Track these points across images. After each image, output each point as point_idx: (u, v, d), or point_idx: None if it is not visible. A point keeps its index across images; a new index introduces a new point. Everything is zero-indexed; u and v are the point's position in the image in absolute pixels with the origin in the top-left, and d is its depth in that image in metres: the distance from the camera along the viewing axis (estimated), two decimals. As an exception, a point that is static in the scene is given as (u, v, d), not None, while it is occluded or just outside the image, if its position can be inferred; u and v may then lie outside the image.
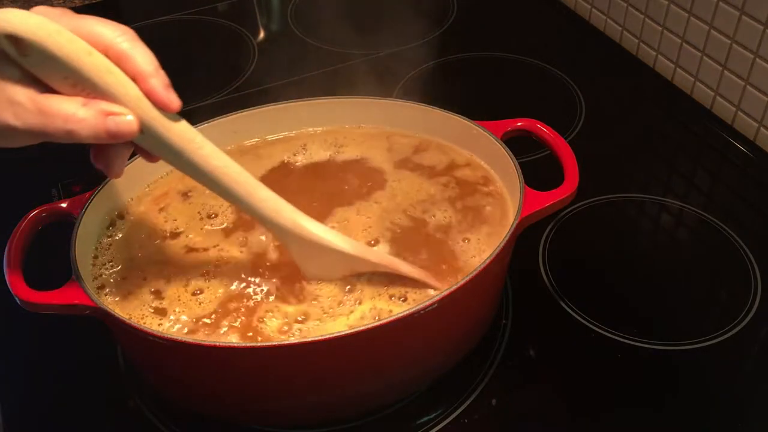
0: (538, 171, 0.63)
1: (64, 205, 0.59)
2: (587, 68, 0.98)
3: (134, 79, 0.45)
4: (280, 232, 0.53)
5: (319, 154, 0.68)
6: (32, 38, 0.41)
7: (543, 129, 0.63)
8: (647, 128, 0.89)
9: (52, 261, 0.54)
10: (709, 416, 0.59)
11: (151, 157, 0.50)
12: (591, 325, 0.65)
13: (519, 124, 0.64)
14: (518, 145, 0.63)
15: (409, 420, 0.59)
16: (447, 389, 0.61)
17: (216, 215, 0.62)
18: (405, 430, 0.59)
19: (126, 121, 0.44)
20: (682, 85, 0.93)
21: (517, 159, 0.60)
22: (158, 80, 0.46)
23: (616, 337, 0.64)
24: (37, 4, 0.48)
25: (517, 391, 0.61)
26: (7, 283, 0.52)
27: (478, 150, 0.65)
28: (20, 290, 0.52)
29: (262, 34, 1.09)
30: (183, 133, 0.48)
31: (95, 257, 0.58)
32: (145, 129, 0.46)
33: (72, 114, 0.43)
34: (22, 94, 0.43)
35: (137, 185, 0.64)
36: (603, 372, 0.62)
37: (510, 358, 0.63)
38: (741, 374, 0.62)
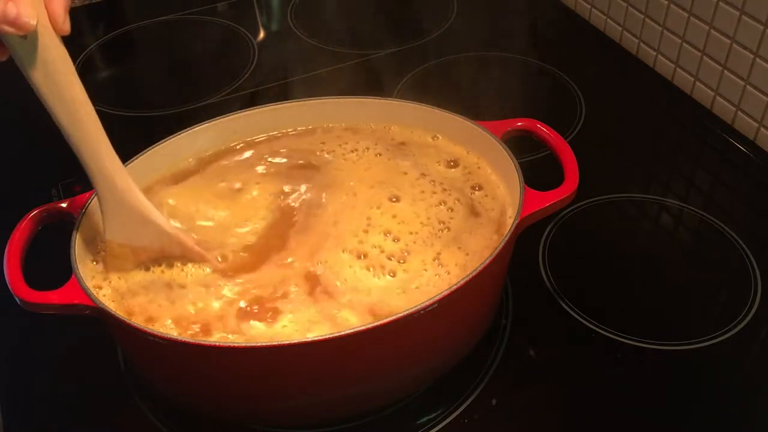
0: (538, 171, 0.63)
1: (64, 205, 0.59)
2: (587, 68, 0.98)
3: None
4: (110, 191, 0.53)
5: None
6: None
7: (543, 129, 0.63)
8: (647, 128, 0.89)
9: (52, 261, 0.54)
10: (709, 416, 0.59)
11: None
12: (591, 325, 0.65)
13: (519, 124, 0.64)
14: (518, 145, 0.63)
15: (409, 420, 0.59)
16: (447, 389, 0.61)
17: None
18: (405, 430, 0.59)
19: (26, 12, 0.44)
20: (682, 85, 0.93)
21: (517, 159, 0.60)
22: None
23: (615, 337, 0.64)
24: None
25: (517, 391, 0.61)
26: (7, 283, 0.52)
27: (479, 150, 0.65)
28: (20, 290, 0.52)
29: (262, 34, 1.09)
30: (64, 57, 0.49)
31: (95, 257, 0.58)
32: (34, 33, 0.46)
33: None
34: None
35: (137, 185, 0.64)
36: (603, 372, 0.62)
37: (510, 358, 0.63)
38: (741, 374, 0.62)
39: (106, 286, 0.56)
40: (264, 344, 0.49)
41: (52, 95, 0.50)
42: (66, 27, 0.48)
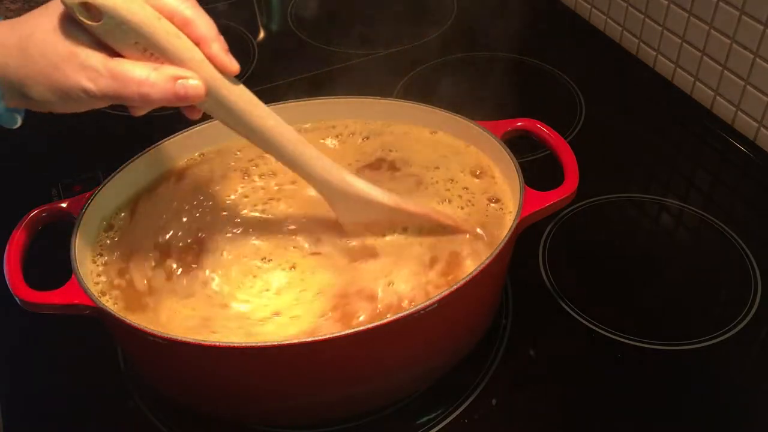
0: (538, 171, 0.63)
1: (64, 205, 0.59)
2: (587, 68, 0.98)
3: (197, 44, 0.48)
4: (328, 188, 0.57)
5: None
6: (105, 4, 0.44)
7: (543, 129, 0.63)
8: (647, 128, 0.89)
9: (52, 261, 0.54)
10: (709, 416, 0.59)
11: (193, 114, 0.53)
12: (591, 325, 0.65)
13: (519, 124, 0.64)
14: (518, 145, 0.63)
15: (409, 420, 0.59)
16: (447, 389, 0.61)
17: (217, 213, 0.62)
18: (405, 430, 0.59)
19: (193, 85, 0.47)
20: (682, 85, 0.93)
21: (517, 159, 0.60)
22: (220, 44, 0.49)
23: (615, 337, 0.64)
24: (39, 4, 0.48)
25: (517, 391, 0.61)
26: (8, 283, 0.52)
27: (479, 150, 0.65)
28: (20, 290, 0.52)
29: (262, 34, 1.09)
30: (242, 95, 0.51)
31: (95, 257, 0.58)
32: (209, 91, 0.48)
33: (144, 78, 0.46)
34: (95, 59, 0.45)
35: (137, 185, 0.64)
36: (602, 372, 0.62)
37: (510, 358, 0.63)
38: (741, 374, 0.62)
39: (107, 286, 0.56)
40: (264, 344, 0.49)
41: (249, 133, 0.53)
42: (235, 67, 0.50)
